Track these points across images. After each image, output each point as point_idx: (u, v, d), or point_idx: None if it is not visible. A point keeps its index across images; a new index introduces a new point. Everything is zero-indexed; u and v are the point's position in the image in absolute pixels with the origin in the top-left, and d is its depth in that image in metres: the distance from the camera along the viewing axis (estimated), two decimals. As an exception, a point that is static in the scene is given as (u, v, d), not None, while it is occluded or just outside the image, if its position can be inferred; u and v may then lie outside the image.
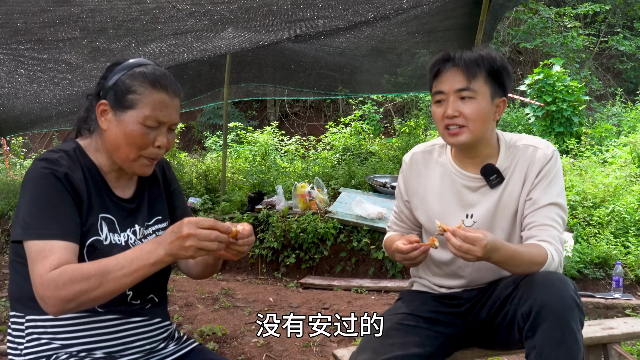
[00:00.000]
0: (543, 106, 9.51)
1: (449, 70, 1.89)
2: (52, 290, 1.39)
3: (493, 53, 1.91)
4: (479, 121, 1.87)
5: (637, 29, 14.92)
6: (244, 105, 15.78)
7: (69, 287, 1.38)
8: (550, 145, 1.98)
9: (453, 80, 1.88)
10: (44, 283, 1.40)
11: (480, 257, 1.68)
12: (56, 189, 1.50)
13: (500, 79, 1.90)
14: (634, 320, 2.61)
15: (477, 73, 1.86)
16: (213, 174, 8.48)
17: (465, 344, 2.04)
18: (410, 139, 9.00)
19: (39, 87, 5.05)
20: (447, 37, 5.73)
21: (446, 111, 1.89)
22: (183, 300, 4.51)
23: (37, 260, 1.43)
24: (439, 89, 1.91)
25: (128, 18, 3.95)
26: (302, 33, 4.27)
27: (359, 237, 5.96)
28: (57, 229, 1.47)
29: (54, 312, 1.42)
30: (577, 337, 1.66)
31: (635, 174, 7.07)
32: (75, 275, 1.39)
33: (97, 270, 1.40)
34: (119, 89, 1.58)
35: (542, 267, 1.78)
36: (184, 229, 1.38)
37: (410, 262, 1.90)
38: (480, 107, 1.87)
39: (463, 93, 1.87)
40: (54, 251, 1.44)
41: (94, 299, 1.42)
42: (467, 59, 1.87)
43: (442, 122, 1.91)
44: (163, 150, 1.63)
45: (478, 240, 1.65)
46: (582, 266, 5.17)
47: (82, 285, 1.38)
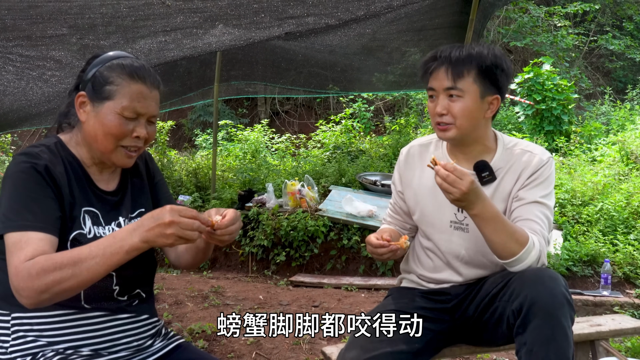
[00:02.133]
0: (533, 105, 9.55)
1: (438, 69, 1.92)
2: (25, 281, 1.37)
3: (485, 51, 1.91)
4: (465, 118, 1.90)
5: (627, 28, 15.03)
6: (235, 103, 15.75)
7: (42, 278, 1.37)
8: (547, 152, 2.01)
9: (441, 79, 1.91)
10: (18, 274, 1.38)
11: (463, 194, 1.71)
12: (36, 182, 1.49)
13: (492, 77, 1.90)
14: (622, 317, 2.63)
15: (464, 72, 1.88)
16: (203, 171, 8.46)
17: (453, 340, 2.05)
18: (401, 137, 9.01)
19: (27, 85, 5.00)
20: (438, 35, 5.73)
21: (436, 108, 1.92)
22: (173, 298, 4.49)
23: (13, 252, 1.42)
24: (431, 86, 1.95)
25: (117, 15, 3.93)
26: (292, 30, 4.25)
27: (349, 235, 5.97)
28: (35, 220, 1.46)
29: (29, 303, 1.40)
30: (568, 333, 1.67)
31: (623, 173, 7.12)
32: (47, 265, 1.37)
33: (70, 259, 1.38)
34: (97, 81, 1.58)
35: (521, 248, 1.78)
36: (167, 216, 1.37)
37: (378, 257, 1.95)
38: (466, 105, 1.89)
39: (450, 92, 1.89)
40: (30, 242, 1.42)
41: (68, 289, 1.40)
42: (454, 58, 1.89)
43: (434, 117, 1.96)
44: (142, 142, 1.63)
45: (466, 175, 1.71)
46: (570, 264, 5.20)
47: (54, 275, 1.37)
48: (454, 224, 2.02)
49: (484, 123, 1.96)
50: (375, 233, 2.01)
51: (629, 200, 6.06)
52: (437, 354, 2.02)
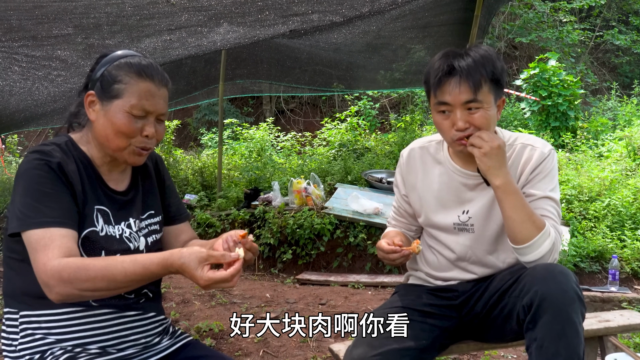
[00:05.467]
0: (539, 101, 9.51)
1: (452, 82, 1.83)
2: (56, 282, 1.40)
3: (491, 57, 1.86)
4: (488, 128, 1.86)
5: (632, 23, 14.95)
6: (240, 102, 15.76)
7: (74, 284, 1.40)
8: (547, 144, 1.98)
9: (458, 93, 1.82)
10: (48, 272, 1.40)
11: (493, 149, 1.78)
12: (50, 179, 1.50)
13: (501, 81, 1.88)
14: (630, 313, 2.61)
15: (482, 83, 1.82)
16: (209, 170, 8.47)
17: (460, 337, 2.04)
18: (406, 135, 9.00)
19: (33, 84, 5.02)
20: (442, 32, 5.71)
21: (456, 124, 1.85)
22: (180, 296, 4.50)
23: (38, 249, 1.43)
24: (443, 100, 1.86)
25: (122, 14, 3.94)
26: (296, 28, 4.25)
27: (356, 233, 5.96)
28: (54, 216, 1.47)
29: (57, 301, 1.44)
30: (578, 329, 1.66)
31: (630, 168, 7.09)
32: (80, 275, 1.40)
33: (103, 275, 1.41)
34: (106, 80, 1.59)
35: (538, 232, 1.77)
36: (201, 283, 1.44)
37: (390, 262, 1.94)
38: (488, 115, 1.85)
39: (470, 105, 1.83)
40: (53, 239, 1.44)
41: (97, 297, 1.49)
42: (471, 69, 1.81)
43: (450, 132, 1.88)
44: (153, 141, 1.63)
45: (498, 138, 1.80)
46: (578, 260, 5.18)
47: (87, 285, 1.41)
48: (458, 226, 2.01)
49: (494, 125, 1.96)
50: (385, 238, 1.98)
51: (636, 196, 6.03)
52: (444, 351, 2.01)
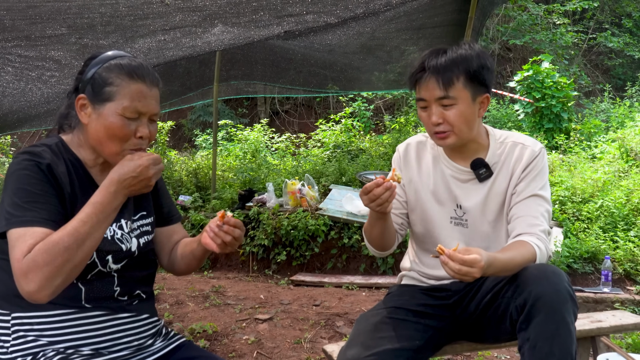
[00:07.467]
0: (532, 102, 9.55)
1: (426, 79, 1.89)
2: (34, 271, 1.36)
3: (469, 53, 1.88)
4: (463, 124, 1.90)
5: (625, 25, 15.03)
6: (235, 103, 15.75)
7: (53, 262, 1.36)
8: (538, 143, 2.03)
9: (432, 89, 1.88)
10: (23, 264, 1.37)
11: (461, 275, 1.62)
12: (38, 179, 1.49)
13: (480, 78, 1.89)
14: (622, 313, 2.63)
15: (453, 80, 1.85)
16: (203, 171, 8.46)
17: (454, 337, 2.05)
18: (401, 136, 9.02)
19: (26, 85, 5.00)
20: (437, 33, 5.72)
21: (431, 118, 1.91)
22: (173, 298, 4.49)
23: (15, 246, 1.40)
24: (421, 97, 1.93)
25: (116, 14, 3.92)
26: (291, 29, 4.25)
27: (350, 234, 5.97)
28: (39, 216, 1.45)
29: (40, 294, 1.37)
30: (571, 329, 1.68)
31: (623, 170, 7.12)
32: (51, 249, 1.37)
33: (70, 236, 1.39)
34: (96, 82, 1.58)
35: (533, 262, 1.81)
36: (150, 172, 1.48)
37: (377, 204, 1.81)
38: (461, 111, 1.88)
39: (443, 101, 1.88)
40: (34, 236, 1.41)
41: (77, 268, 1.41)
42: (441, 67, 1.86)
43: (429, 127, 1.95)
44: (146, 142, 1.62)
45: (476, 262, 1.60)
46: (571, 261, 5.20)
47: (64, 257, 1.37)
48: (454, 220, 2.04)
49: (478, 123, 1.98)
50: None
51: (629, 197, 6.06)
52: (438, 351, 2.02)
